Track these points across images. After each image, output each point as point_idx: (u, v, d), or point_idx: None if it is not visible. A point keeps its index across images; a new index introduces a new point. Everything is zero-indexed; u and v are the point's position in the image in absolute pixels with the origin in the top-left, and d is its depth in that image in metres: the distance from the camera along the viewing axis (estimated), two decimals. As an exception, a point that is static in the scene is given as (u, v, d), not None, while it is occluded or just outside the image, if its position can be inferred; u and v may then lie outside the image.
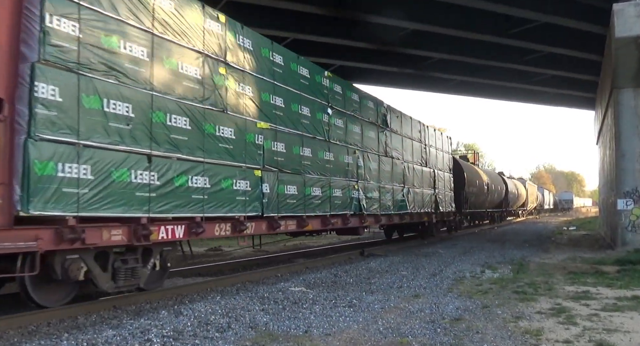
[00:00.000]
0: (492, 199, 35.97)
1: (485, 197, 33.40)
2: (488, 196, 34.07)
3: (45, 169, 6.45)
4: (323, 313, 7.53)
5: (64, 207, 6.67)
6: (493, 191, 35.69)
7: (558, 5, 18.35)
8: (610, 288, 10.00)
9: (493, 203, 37.12)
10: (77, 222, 6.86)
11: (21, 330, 6.45)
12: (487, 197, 33.96)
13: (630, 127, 16.22)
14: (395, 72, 27.68)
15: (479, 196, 31.60)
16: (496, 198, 37.66)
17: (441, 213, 22.71)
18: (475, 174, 31.90)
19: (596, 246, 19.86)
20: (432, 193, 21.67)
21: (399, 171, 18.11)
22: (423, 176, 20.69)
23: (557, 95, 33.33)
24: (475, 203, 30.77)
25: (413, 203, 19.16)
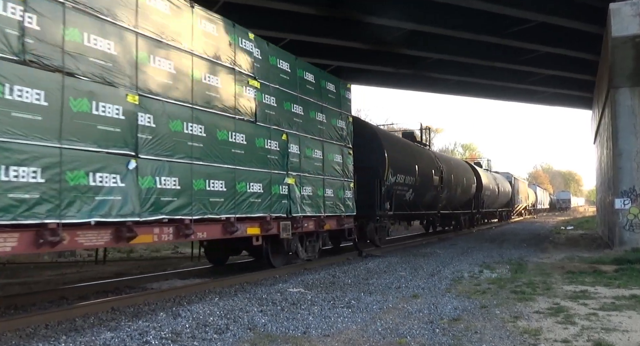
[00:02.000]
0: (452, 195, 25.84)
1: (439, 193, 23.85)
2: (443, 191, 24.12)
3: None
4: (321, 314, 7.53)
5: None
6: (454, 185, 25.75)
7: (555, 5, 18.35)
8: (609, 288, 10.02)
9: (456, 202, 27.30)
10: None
11: (19, 332, 6.44)
12: (443, 193, 24.35)
13: (628, 127, 16.24)
14: (392, 73, 27.66)
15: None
16: (460, 194, 27.37)
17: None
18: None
19: (594, 245, 19.89)
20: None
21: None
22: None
23: (554, 95, 33.32)
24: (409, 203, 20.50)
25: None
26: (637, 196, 16.01)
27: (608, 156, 18.81)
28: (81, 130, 7.05)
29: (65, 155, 6.81)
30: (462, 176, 27.71)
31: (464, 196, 28.73)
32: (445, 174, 24.00)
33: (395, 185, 18.02)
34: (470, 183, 29.51)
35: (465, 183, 28.07)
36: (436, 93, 34.81)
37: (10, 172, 6.15)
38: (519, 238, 24.70)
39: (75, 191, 6.90)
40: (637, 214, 15.92)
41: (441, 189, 23.54)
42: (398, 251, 17.68)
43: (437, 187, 22.92)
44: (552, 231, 30.82)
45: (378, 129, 19.07)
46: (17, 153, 6.25)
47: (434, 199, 23.22)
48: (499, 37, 21.03)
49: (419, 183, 20.35)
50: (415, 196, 20.44)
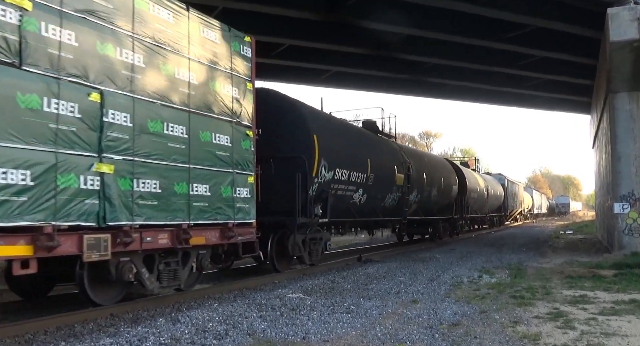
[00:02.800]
0: (425, 198, 21.55)
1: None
2: (411, 192, 19.83)
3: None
4: (321, 319, 7.52)
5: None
6: (427, 185, 21.52)
7: (552, 10, 18.41)
8: (608, 292, 10.01)
9: (431, 206, 22.87)
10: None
11: (18, 339, 6.42)
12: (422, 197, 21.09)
13: (626, 131, 16.27)
14: (391, 78, 27.71)
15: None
16: (436, 197, 22.98)
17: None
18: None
19: (593, 249, 19.89)
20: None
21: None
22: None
23: (552, 99, 33.39)
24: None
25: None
26: (636, 200, 16.03)
27: (607, 161, 18.83)
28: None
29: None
30: (440, 176, 23.25)
31: (443, 200, 24.18)
32: (415, 172, 19.67)
33: (333, 183, 13.79)
34: (451, 184, 24.98)
35: (443, 184, 23.56)
36: (435, 98, 34.90)
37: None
38: (518, 243, 24.68)
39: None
40: (636, 219, 15.93)
41: (408, 190, 19.00)
42: (397, 256, 17.66)
43: (403, 187, 18.54)
44: (551, 236, 30.82)
45: (304, 107, 13.81)
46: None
47: (399, 203, 18.69)
48: (497, 42, 21.09)
49: (374, 181, 16.09)
50: (369, 199, 16.18)
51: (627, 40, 14.97)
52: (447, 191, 24.52)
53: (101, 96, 7.52)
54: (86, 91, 7.35)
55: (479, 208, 32.80)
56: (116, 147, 7.72)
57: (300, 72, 26.11)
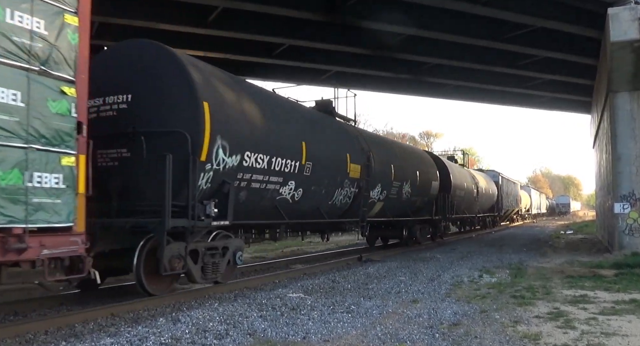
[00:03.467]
0: (394, 196, 18.01)
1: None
2: (374, 188, 16.38)
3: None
4: (321, 319, 7.53)
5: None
6: (398, 180, 17.92)
7: (553, 10, 18.40)
8: (608, 292, 10.02)
9: (404, 206, 19.23)
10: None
11: (19, 339, 6.43)
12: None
13: (627, 131, 16.27)
14: (392, 78, 27.70)
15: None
16: (410, 194, 19.24)
17: None
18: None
19: (593, 249, 19.89)
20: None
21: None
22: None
23: (553, 99, 33.38)
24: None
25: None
26: (636, 200, 16.03)
27: (607, 161, 18.83)
28: None
29: None
30: (415, 170, 19.56)
31: (420, 198, 20.57)
32: (378, 163, 16.17)
33: (241, 172, 10.08)
34: (430, 180, 21.29)
35: (420, 179, 19.86)
36: (435, 98, 34.88)
37: None
38: (518, 243, 24.68)
39: None
40: (636, 219, 15.93)
41: (367, 185, 15.46)
42: (397, 256, 17.66)
43: (360, 182, 15.08)
44: (551, 236, 30.82)
45: (189, 63, 9.64)
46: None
47: (355, 201, 15.19)
48: (498, 42, 21.08)
49: (313, 172, 12.49)
50: (308, 195, 12.58)
51: (627, 40, 14.96)
52: (425, 187, 20.88)
53: None
54: None
55: (467, 207, 28.92)
56: None
57: (300, 72, 26.10)
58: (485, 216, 36.82)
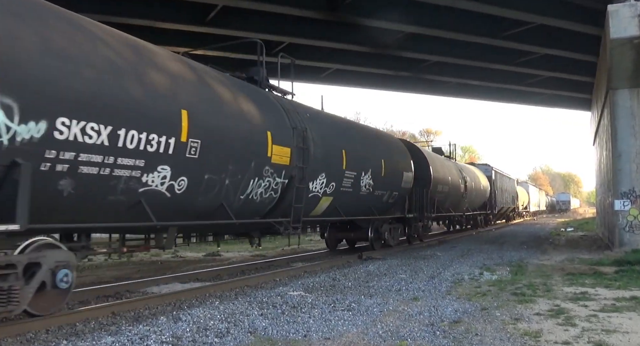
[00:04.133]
0: (347, 188, 14.48)
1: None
2: (316, 178, 13.01)
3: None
4: (322, 317, 7.53)
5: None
6: (353, 169, 14.50)
7: (553, 7, 18.41)
8: (609, 289, 10.02)
9: (364, 202, 15.87)
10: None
11: (20, 338, 6.43)
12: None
13: (627, 128, 16.26)
14: (392, 75, 27.72)
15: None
16: (380, 189, 16.30)
17: None
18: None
19: (594, 247, 19.90)
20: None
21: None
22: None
23: (553, 96, 33.40)
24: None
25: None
26: (636, 197, 16.02)
27: (607, 158, 18.83)
28: None
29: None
30: (378, 157, 16.09)
31: (388, 192, 16.98)
32: (320, 147, 12.74)
33: (54, 148, 6.54)
34: (400, 171, 17.79)
35: (386, 170, 16.33)
36: (435, 95, 34.94)
37: None
38: (518, 240, 24.69)
39: None
40: (636, 216, 15.93)
41: (302, 173, 11.89)
42: (398, 253, 17.66)
43: (291, 169, 11.51)
44: (551, 233, 30.82)
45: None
46: None
47: (283, 195, 11.58)
48: (498, 39, 21.09)
49: (204, 153, 8.91)
50: (203, 187, 9.20)
51: (627, 37, 14.94)
52: (395, 180, 17.34)
53: None
54: None
55: (453, 204, 25.97)
56: None
57: (301, 70, 26.05)
58: (476, 215, 33.30)
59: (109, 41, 7.69)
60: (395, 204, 18.23)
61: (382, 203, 17.13)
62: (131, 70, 7.80)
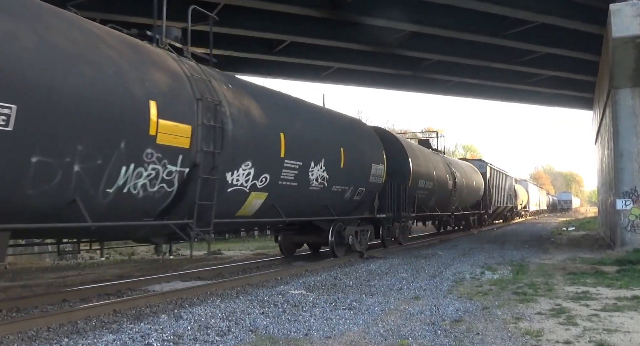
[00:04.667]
0: (320, 185, 12.79)
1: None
2: (236, 166, 9.82)
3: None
4: (323, 316, 7.53)
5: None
6: (298, 158, 11.75)
7: (554, 6, 18.37)
8: (610, 288, 10.01)
9: (316, 201, 13.16)
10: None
11: (21, 335, 6.44)
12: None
13: (629, 127, 16.24)
14: (393, 74, 27.71)
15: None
16: (338, 182, 13.68)
17: None
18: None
19: (595, 246, 19.88)
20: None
21: None
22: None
23: (555, 95, 33.35)
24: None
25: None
26: (638, 196, 15.99)
27: (609, 157, 18.80)
28: None
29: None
30: (336, 144, 13.57)
31: (351, 188, 14.31)
32: (242, 128, 9.99)
33: None
34: (367, 163, 15.14)
35: (346, 160, 13.69)
36: (437, 94, 34.91)
37: None
38: (520, 239, 24.68)
39: None
40: (638, 215, 15.90)
41: (214, 160, 9.19)
42: (400, 252, 17.65)
43: (192, 155, 8.70)
44: (553, 232, 30.81)
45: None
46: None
47: (182, 189, 8.80)
48: (499, 38, 21.06)
49: (36, 125, 6.31)
50: (30, 175, 6.38)
51: (629, 36, 14.91)
52: (359, 173, 14.62)
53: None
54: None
55: (440, 203, 23.04)
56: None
57: (302, 68, 26.12)
58: (468, 215, 30.13)
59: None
60: (363, 202, 15.48)
61: (343, 201, 14.35)
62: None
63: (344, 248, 15.03)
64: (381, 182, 16.11)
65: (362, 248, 15.76)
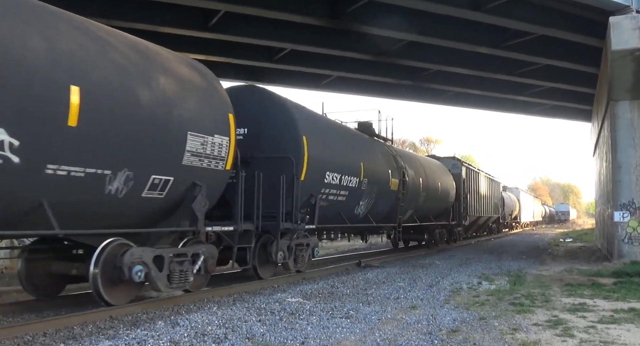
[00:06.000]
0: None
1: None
2: None
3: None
4: (320, 324, 7.52)
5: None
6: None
7: (554, 18, 18.45)
8: (607, 300, 10.01)
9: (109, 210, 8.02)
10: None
11: (17, 340, 6.42)
12: None
13: (627, 139, 16.29)
14: (393, 84, 27.77)
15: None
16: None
17: None
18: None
19: (593, 258, 19.88)
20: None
21: None
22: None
23: (553, 107, 33.45)
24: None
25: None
26: (636, 209, 16.03)
27: (607, 169, 18.85)
28: None
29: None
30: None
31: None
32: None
33: None
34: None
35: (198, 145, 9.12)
36: (436, 104, 34.96)
37: None
38: (517, 250, 24.68)
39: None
40: (636, 227, 15.93)
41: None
42: (397, 261, 17.64)
43: None
44: (550, 243, 30.80)
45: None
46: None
47: None
48: (499, 49, 21.13)
49: None
50: None
51: (628, 49, 15.00)
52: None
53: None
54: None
55: (372, 209, 16.35)
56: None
57: (302, 76, 26.18)
58: (432, 227, 23.17)
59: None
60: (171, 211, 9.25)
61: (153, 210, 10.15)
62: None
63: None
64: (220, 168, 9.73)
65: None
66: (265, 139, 11.80)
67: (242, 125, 11.32)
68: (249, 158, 11.03)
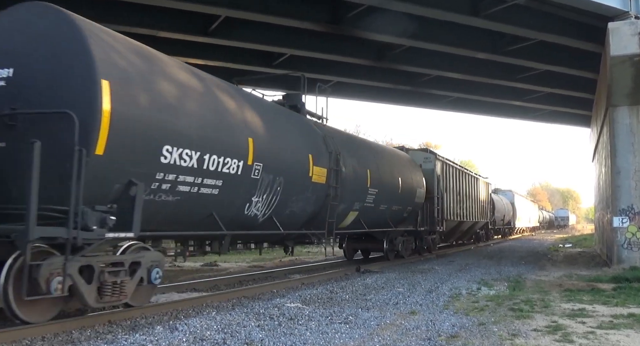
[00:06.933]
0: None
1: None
2: None
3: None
4: (319, 330, 7.50)
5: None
6: None
7: (553, 24, 18.49)
8: (607, 306, 10.00)
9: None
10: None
11: (15, 344, 6.41)
12: None
13: (626, 145, 16.30)
14: (392, 89, 27.79)
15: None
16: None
17: None
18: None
19: (592, 263, 19.87)
20: None
21: None
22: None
23: (552, 112, 33.49)
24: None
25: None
26: (635, 214, 16.02)
27: (606, 174, 18.85)
28: None
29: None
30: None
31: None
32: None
33: None
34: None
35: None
36: (435, 110, 35.01)
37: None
38: (517, 255, 24.65)
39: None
40: (635, 233, 15.92)
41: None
42: (396, 267, 17.62)
43: None
44: (550, 249, 30.79)
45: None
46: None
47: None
48: (498, 55, 21.16)
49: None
50: None
51: (627, 54, 15.03)
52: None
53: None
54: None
55: (286, 211, 11.86)
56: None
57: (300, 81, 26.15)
58: (392, 234, 18.80)
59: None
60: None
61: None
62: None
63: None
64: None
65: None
66: (40, 85, 7.10)
67: (5, 63, 7.27)
68: (12, 116, 7.03)
